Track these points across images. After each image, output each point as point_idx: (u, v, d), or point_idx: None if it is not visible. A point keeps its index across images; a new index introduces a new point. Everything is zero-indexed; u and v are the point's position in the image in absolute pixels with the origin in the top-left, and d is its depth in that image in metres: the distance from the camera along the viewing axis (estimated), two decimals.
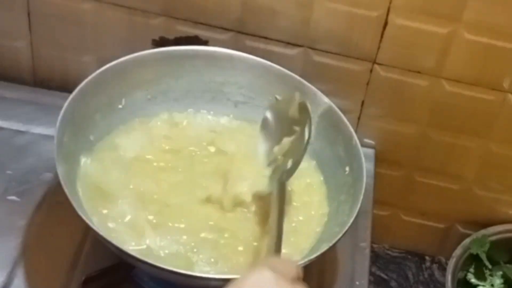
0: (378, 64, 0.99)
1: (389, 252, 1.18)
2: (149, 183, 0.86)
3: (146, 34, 1.01)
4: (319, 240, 0.84)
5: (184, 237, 0.81)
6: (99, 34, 1.03)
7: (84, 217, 0.75)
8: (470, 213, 1.12)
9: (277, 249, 0.72)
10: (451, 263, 1.05)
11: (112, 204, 0.83)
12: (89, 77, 0.87)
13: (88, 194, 0.83)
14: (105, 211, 0.82)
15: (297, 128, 0.85)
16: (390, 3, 0.94)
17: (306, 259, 0.76)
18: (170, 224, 0.83)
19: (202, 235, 0.82)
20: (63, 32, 1.03)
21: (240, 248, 0.82)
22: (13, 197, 0.92)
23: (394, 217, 1.15)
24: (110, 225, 0.81)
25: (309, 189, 0.90)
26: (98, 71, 0.88)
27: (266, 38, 1.00)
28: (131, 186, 0.85)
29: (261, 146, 0.88)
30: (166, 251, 0.80)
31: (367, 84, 1.02)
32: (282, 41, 1.00)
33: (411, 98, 1.02)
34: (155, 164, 0.89)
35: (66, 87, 0.97)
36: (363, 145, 0.99)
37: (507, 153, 1.05)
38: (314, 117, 0.92)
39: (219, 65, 0.94)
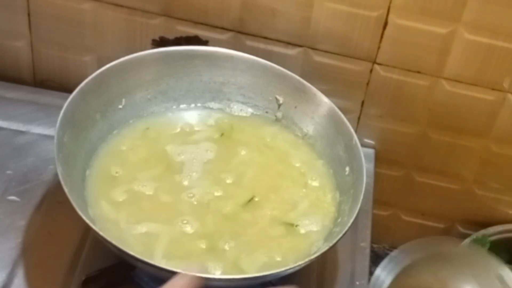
0: (378, 64, 0.99)
1: (389, 252, 1.17)
2: None
3: (146, 34, 1.01)
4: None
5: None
6: (99, 34, 1.03)
7: (84, 217, 0.74)
8: (470, 213, 1.12)
9: None
10: None
11: None
12: (89, 77, 0.87)
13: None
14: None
15: None
16: (390, 3, 0.94)
17: (306, 259, 0.76)
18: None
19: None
20: (63, 32, 1.03)
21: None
22: (13, 197, 0.91)
23: (394, 217, 1.15)
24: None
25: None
26: (98, 71, 0.88)
27: (266, 38, 1.00)
28: None
29: None
30: None
31: (367, 84, 1.02)
32: (282, 41, 1.00)
33: (411, 98, 1.02)
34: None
35: (66, 87, 0.97)
36: (363, 145, 0.99)
37: (507, 153, 1.05)
38: (315, 117, 0.92)
39: (219, 65, 0.94)
